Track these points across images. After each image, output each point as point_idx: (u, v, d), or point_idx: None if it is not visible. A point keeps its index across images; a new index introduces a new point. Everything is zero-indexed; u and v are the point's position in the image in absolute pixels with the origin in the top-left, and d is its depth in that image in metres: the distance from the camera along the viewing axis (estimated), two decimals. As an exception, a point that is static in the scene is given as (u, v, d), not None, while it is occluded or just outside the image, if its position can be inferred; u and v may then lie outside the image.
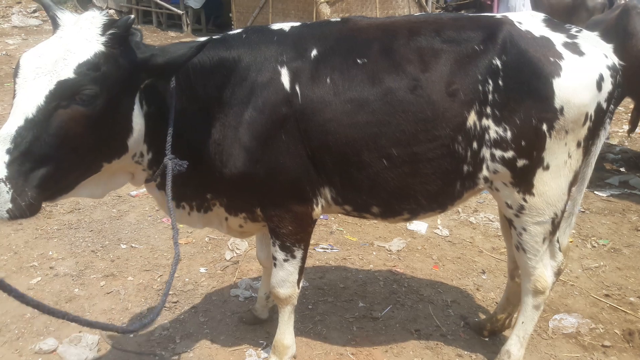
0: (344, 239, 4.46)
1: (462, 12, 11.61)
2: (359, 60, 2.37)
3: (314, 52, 2.39)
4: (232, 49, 2.37)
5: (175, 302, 3.57)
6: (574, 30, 2.46)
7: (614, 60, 2.43)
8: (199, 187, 2.53)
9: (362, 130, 2.36)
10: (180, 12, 12.22)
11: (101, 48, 1.90)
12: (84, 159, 1.95)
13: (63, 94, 1.81)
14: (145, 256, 4.11)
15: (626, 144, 6.99)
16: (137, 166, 2.32)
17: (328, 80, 2.35)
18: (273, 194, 2.49)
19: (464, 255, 4.23)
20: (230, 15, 10.96)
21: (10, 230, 4.36)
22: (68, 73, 1.82)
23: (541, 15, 2.54)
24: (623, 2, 8.32)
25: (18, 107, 1.80)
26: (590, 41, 2.43)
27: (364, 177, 2.46)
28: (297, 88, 2.34)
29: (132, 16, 2.03)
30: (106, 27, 1.94)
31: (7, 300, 3.50)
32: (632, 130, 6.46)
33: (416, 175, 2.47)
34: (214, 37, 2.44)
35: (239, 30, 2.52)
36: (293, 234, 2.59)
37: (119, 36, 1.92)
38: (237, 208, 2.63)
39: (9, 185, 1.72)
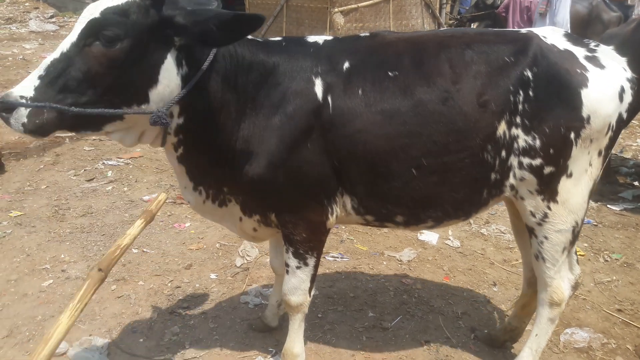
0: (354, 247, 4.46)
1: (477, 23, 11.64)
2: (390, 73, 2.41)
3: (346, 65, 2.44)
4: (272, 53, 2.44)
5: (186, 308, 3.58)
6: (592, 44, 2.54)
7: (631, 73, 2.51)
8: (219, 175, 2.54)
9: (393, 140, 2.39)
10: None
11: None
12: (102, 97, 2.06)
13: (90, 32, 2.00)
14: (156, 261, 4.13)
15: (640, 157, 6.94)
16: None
17: (360, 92, 2.39)
18: (289, 200, 2.52)
19: (475, 266, 4.21)
20: (244, 23, 11.05)
21: (23, 232, 4.41)
22: (97, 14, 2.01)
23: (561, 30, 2.63)
24: (638, 15, 8.31)
25: (61, 44, 2.05)
26: (608, 54, 2.51)
27: (391, 187, 2.49)
28: (329, 99, 2.38)
29: None
30: None
31: (19, 302, 3.55)
32: None
33: (445, 184, 2.50)
34: (256, 38, 2.52)
35: (279, 38, 2.61)
36: (306, 241, 2.61)
37: None
38: (252, 209, 2.64)
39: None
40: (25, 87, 1.98)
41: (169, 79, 2.16)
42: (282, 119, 2.37)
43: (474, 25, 11.76)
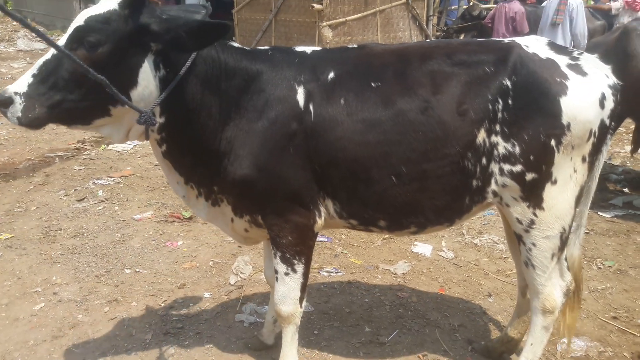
0: (348, 262, 4.44)
1: (463, 34, 11.75)
2: (373, 84, 2.50)
3: (331, 75, 2.54)
4: (256, 61, 2.56)
5: (180, 328, 3.54)
6: (575, 52, 2.59)
7: (614, 79, 2.55)
8: (207, 174, 2.64)
9: (373, 148, 2.48)
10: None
11: (115, 7, 2.23)
12: (87, 96, 2.25)
13: (75, 37, 2.20)
14: (149, 281, 4.09)
15: (629, 164, 7.00)
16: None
17: (342, 101, 2.49)
18: (273, 202, 2.60)
19: (469, 278, 4.21)
20: (234, 39, 11.07)
21: (14, 255, 4.36)
22: (82, 22, 2.22)
23: (545, 39, 2.67)
24: (622, 23, 8.42)
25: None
26: (591, 62, 2.55)
27: (372, 193, 2.57)
28: (311, 107, 2.48)
29: None
30: None
31: (10, 327, 3.49)
32: (635, 150, 6.48)
33: (425, 192, 2.56)
34: (244, 47, 2.66)
35: (266, 47, 2.73)
36: (293, 245, 2.67)
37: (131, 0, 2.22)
38: (242, 210, 2.72)
39: (22, 99, 2.19)
40: (20, 84, 2.21)
41: (148, 80, 2.32)
42: (264, 124, 2.48)
43: (461, 37, 11.89)
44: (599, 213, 5.41)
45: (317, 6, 9.04)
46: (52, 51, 2.23)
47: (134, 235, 4.81)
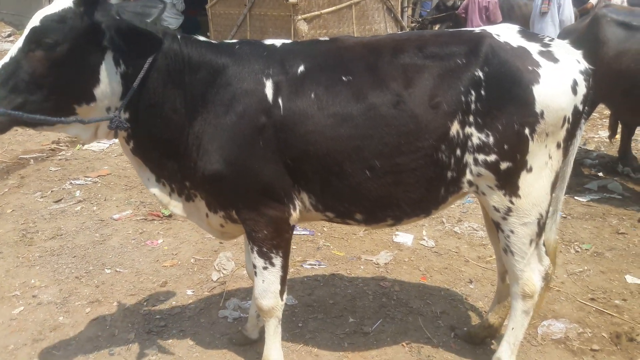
0: (331, 254, 4.46)
1: (438, 25, 11.82)
2: (344, 78, 2.48)
3: (300, 68, 2.51)
4: (222, 54, 2.54)
5: (164, 326, 3.51)
6: (546, 39, 2.60)
7: (586, 65, 2.57)
8: (177, 169, 2.63)
9: (345, 143, 2.46)
10: (157, 33, 12.25)
11: (70, 4, 2.23)
12: (50, 96, 2.26)
13: (32, 39, 2.21)
14: (130, 280, 4.05)
15: (602, 149, 7.13)
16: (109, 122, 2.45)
17: (312, 95, 2.46)
18: (245, 196, 2.59)
19: (450, 265, 4.25)
20: (208, 34, 10.95)
21: (-10, 259, 4.28)
22: (37, 22, 2.22)
23: (516, 27, 2.67)
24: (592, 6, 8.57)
25: (10, 49, 2.26)
26: (563, 48, 2.56)
27: (346, 187, 2.56)
28: (280, 100, 2.46)
29: None
30: None
31: (-10, 332, 3.42)
32: (612, 135, 6.62)
33: (399, 185, 2.56)
34: (211, 40, 2.65)
35: (234, 40, 2.70)
36: (269, 239, 2.64)
37: None
38: (215, 206, 2.70)
39: None
40: None
41: (109, 77, 2.34)
42: (232, 118, 2.46)
43: (436, 27, 11.96)
44: (575, 197, 5.51)
45: (291, 0, 8.99)
46: (10, 54, 2.23)
47: (113, 235, 4.76)
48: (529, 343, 3.29)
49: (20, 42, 2.23)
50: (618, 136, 6.55)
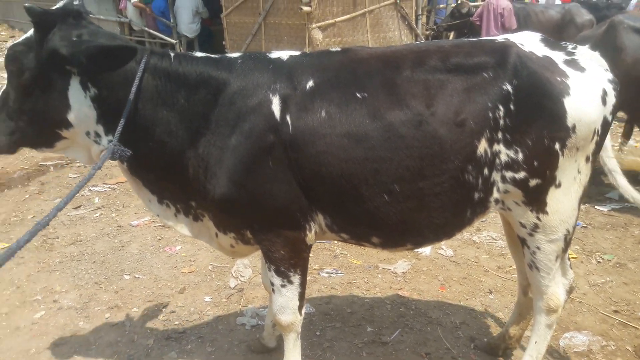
0: (348, 262, 4.44)
1: (453, 33, 11.79)
2: (358, 94, 2.32)
3: (310, 83, 2.35)
4: (223, 70, 2.40)
5: (182, 332, 3.52)
6: (570, 47, 2.48)
7: (612, 73, 2.46)
8: (179, 191, 2.55)
9: (360, 165, 2.30)
10: (173, 41, 12.29)
11: (31, 32, 2.25)
12: (32, 122, 2.32)
13: (5, 68, 2.28)
14: (149, 286, 4.07)
15: (623, 157, 7.04)
16: (95, 145, 2.43)
17: (323, 113, 2.30)
18: (260, 218, 2.46)
19: (469, 275, 4.22)
20: (224, 43, 11.02)
21: (12, 264, 4.32)
22: (8, 51, 2.28)
23: (538, 35, 2.56)
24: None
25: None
26: (587, 56, 2.45)
27: (362, 210, 2.40)
28: (288, 118, 2.30)
29: (61, 5, 2.33)
30: (34, 14, 2.19)
31: (12, 336, 3.47)
32: (625, 142, 6.54)
33: (422, 210, 2.41)
34: (211, 55, 2.52)
35: (237, 54, 2.54)
36: (286, 259, 2.52)
37: (36, 24, 2.20)
38: (225, 227, 2.58)
39: None
40: None
41: (79, 102, 2.30)
42: (238, 138, 2.31)
43: (450, 35, 11.93)
44: (596, 207, 5.43)
45: (305, 8, 9.03)
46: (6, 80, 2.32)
47: (132, 241, 4.79)
48: (551, 356, 3.24)
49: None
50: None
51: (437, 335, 3.47)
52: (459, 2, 12.14)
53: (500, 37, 2.55)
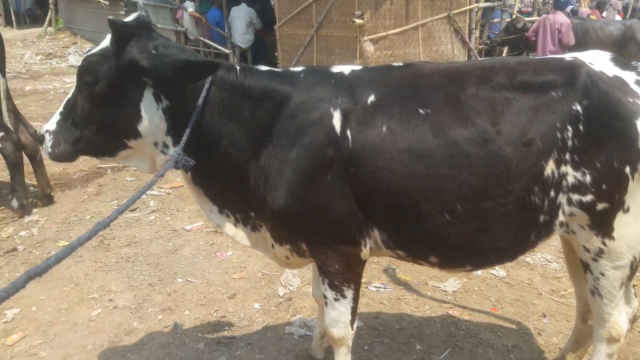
0: (396, 277, 4.41)
1: (507, 48, 11.60)
2: (421, 110, 2.30)
3: (371, 98, 2.35)
4: (286, 84, 2.43)
5: (232, 338, 3.58)
6: None
7: None
8: (239, 201, 2.58)
9: (422, 182, 2.27)
10: (227, 51, 12.60)
11: (107, 44, 2.31)
12: (100, 131, 2.37)
13: (79, 78, 2.34)
14: (200, 290, 4.16)
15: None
16: (161, 155, 2.47)
17: (384, 128, 2.29)
18: (317, 232, 2.46)
19: (522, 297, 4.11)
20: (276, 54, 11.21)
21: (71, 262, 4.51)
22: (83, 62, 2.34)
23: (607, 54, 2.50)
24: None
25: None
26: None
27: (421, 228, 2.37)
28: (348, 132, 2.30)
29: (134, 17, 2.36)
30: (115, 27, 2.26)
31: (70, 331, 3.61)
32: None
33: (484, 232, 2.35)
34: (275, 69, 2.56)
35: (300, 68, 2.58)
36: (341, 273, 2.53)
37: (116, 36, 2.26)
38: (281, 238, 2.59)
39: (51, 136, 2.39)
40: (51, 122, 2.41)
41: (151, 113, 2.34)
42: (298, 151, 2.32)
43: (504, 50, 11.74)
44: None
45: (358, 21, 9.09)
46: (72, 89, 2.39)
47: (185, 245, 4.91)
48: (609, 385, 3.12)
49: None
50: None
51: (487, 357, 3.40)
52: (514, 16, 11.96)
53: (568, 56, 2.50)
